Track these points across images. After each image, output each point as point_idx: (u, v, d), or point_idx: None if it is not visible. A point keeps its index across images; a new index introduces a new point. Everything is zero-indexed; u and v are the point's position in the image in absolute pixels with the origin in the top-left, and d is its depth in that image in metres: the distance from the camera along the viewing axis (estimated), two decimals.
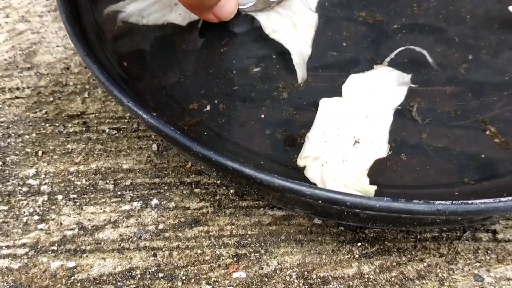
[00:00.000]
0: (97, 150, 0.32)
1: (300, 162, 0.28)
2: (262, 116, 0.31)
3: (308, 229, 0.29)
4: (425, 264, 0.28)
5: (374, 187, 0.26)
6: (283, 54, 0.34)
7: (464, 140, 0.30)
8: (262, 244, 0.28)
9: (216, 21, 0.33)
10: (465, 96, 0.32)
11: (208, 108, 0.31)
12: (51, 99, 0.35)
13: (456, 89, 0.32)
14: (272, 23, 0.34)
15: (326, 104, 0.30)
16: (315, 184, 0.27)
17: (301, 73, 0.33)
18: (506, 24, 0.35)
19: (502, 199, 0.23)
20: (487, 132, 0.30)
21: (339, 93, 0.31)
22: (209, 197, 0.30)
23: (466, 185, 0.28)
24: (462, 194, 0.28)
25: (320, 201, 0.23)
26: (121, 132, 0.33)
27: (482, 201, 0.23)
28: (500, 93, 0.32)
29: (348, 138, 0.28)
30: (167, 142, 0.28)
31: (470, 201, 0.23)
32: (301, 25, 0.34)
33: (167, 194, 0.30)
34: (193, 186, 0.31)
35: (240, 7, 0.34)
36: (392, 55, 0.33)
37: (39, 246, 0.28)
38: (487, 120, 0.31)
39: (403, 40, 0.35)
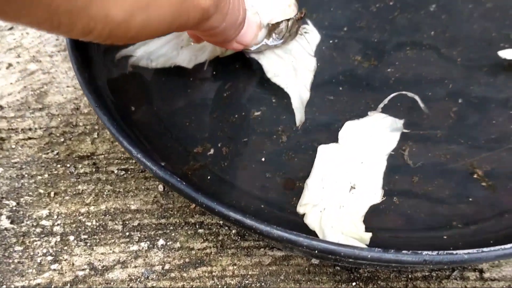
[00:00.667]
0: (106, 191, 0.34)
1: (300, 209, 0.30)
2: (263, 159, 0.33)
3: (306, 269, 0.31)
4: None
5: (370, 234, 0.28)
6: (282, 98, 0.36)
7: (453, 183, 0.32)
8: (263, 284, 0.30)
9: (241, 49, 0.35)
10: (455, 140, 0.34)
11: (212, 151, 0.33)
12: (62, 139, 0.37)
13: (446, 132, 0.34)
14: (274, 67, 0.36)
15: (323, 151, 0.32)
16: (313, 231, 0.28)
17: (299, 116, 0.35)
18: (495, 67, 0.37)
19: (484, 249, 0.25)
20: (475, 176, 0.32)
21: (335, 137, 0.33)
22: (212, 237, 0.32)
23: (454, 228, 0.30)
24: (450, 238, 0.30)
25: (316, 251, 0.24)
26: (129, 172, 0.35)
27: (466, 251, 0.24)
28: (488, 136, 0.34)
29: (344, 184, 0.30)
30: (175, 192, 0.30)
31: (454, 252, 0.24)
32: (301, 70, 0.36)
33: (173, 234, 0.32)
34: (197, 226, 0.33)
35: (245, 50, 0.35)
36: (386, 101, 0.35)
37: (52, 286, 0.30)
38: (475, 164, 0.33)
39: (396, 83, 0.36)
